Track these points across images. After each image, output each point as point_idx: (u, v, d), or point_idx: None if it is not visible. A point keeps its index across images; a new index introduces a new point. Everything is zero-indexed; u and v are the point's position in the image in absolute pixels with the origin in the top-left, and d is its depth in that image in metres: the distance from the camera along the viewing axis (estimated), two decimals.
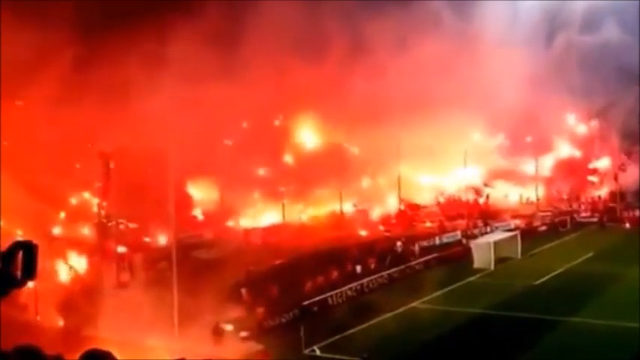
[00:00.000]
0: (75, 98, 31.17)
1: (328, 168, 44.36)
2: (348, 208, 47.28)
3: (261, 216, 43.44)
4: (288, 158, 47.63)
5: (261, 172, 44.50)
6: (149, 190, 33.67)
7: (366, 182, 50.05)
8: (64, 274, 28.91)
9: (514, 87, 50.48)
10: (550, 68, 52.88)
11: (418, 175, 52.17)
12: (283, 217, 43.35)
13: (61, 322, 25.25)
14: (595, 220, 52.56)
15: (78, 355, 3.50)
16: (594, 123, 61.25)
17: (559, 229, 49.02)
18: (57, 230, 32.29)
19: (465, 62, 50.03)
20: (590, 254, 39.95)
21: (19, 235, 30.18)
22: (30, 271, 3.10)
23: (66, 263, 28.93)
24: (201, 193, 41.88)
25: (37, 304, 24.93)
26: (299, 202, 45.87)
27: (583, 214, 54.09)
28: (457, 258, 39.94)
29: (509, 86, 50.12)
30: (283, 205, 43.47)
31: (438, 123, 46.11)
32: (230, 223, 41.32)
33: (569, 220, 52.57)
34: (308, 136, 49.09)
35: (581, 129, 63.15)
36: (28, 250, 3.07)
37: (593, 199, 58.45)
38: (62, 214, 33.61)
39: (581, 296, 30.82)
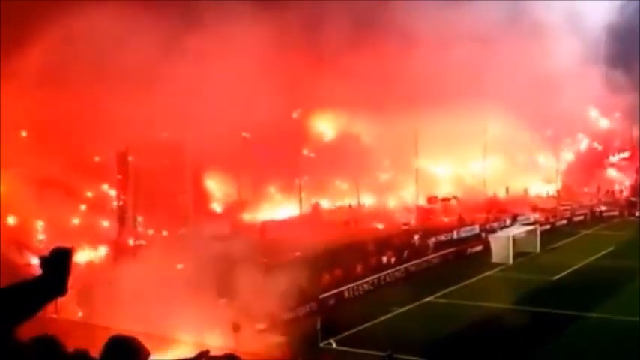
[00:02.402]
0: (94, 91, 31.37)
1: (345, 160, 44.26)
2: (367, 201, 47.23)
3: (278, 209, 43.49)
4: (306, 151, 47.54)
5: (279, 164, 44.43)
6: (167, 184, 33.90)
7: (383, 175, 49.84)
8: (82, 266, 29.18)
9: (540, 79, 49.99)
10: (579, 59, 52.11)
11: (437, 167, 51.89)
12: (300, 209, 43.39)
13: (80, 314, 25.50)
14: (616, 213, 51.98)
15: (99, 345, 3.51)
16: (617, 115, 60.46)
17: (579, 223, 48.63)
18: (76, 222, 32.56)
19: (489, 52, 49.53)
20: (611, 249, 39.50)
21: (40, 227, 30.63)
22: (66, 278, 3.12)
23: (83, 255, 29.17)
24: (219, 187, 42.01)
25: None
26: (316, 195, 45.88)
27: (603, 208, 53.48)
28: (475, 252, 39.76)
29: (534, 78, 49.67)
30: (300, 199, 43.50)
31: (457, 114, 45.74)
32: (247, 216, 41.42)
33: (589, 213, 52.08)
34: (325, 128, 49.00)
35: (604, 122, 62.37)
36: (65, 255, 3.07)
37: (614, 192, 57.78)
38: (82, 207, 33.88)
39: (601, 291, 30.45)
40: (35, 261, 23.99)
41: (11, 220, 29.88)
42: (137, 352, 3.44)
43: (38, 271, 3.05)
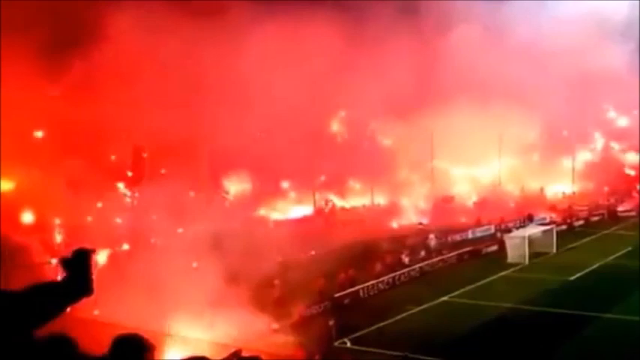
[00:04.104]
0: (111, 89, 31.50)
1: (361, 159, 44.16)
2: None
3: (292, 207, 43.49)
4: (321, 150, 47.39)
5: (293, 163, 44.37)
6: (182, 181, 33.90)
7: (399, 174, 49.63)
8: (99, 263, 29.32)
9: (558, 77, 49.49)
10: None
11: (453, 166, 51.59)
12: (315, 208, 43.39)
13: (96, 312, 25.62)
14: (633, 214, 51.38)
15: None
16: (635, 112, 59.65)
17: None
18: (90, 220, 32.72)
19: (508, 51, 49.12)
20: (629, 249, 39.05)
21: (57, 225, 30.81)
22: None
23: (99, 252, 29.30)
24: (234, 184, 42.07)
25: None
26: (331, 194, 45.85)
27: (621, 208, 52.89)
28: (490, 252, 39.51)
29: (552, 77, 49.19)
30: (314, 197, 43.50)
31: (474, 113, 45.44)
32: (262, 214, 41.45)
33: (606, 213, 51.58)
34: (341, 127, 48.92)
35: (622, 121, 61.63)
36: (86, 256, 3.04)
37: (632, 192, 57.12)
38: (99, 205, 34.03)
39: (618, 292, 30.12)
40: (53, 260, 24.17)
41: (29, 218, 30.10)
42: (142, 348, 3.46)
43: (57, 270, 3.04)
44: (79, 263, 3.05)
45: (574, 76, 49.75)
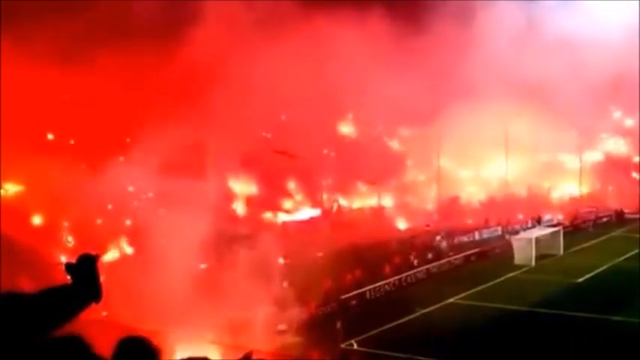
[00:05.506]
0: (119, 91, 31.67)
1: (368, 161, 44.14)
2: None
3: (299, 209, 43.54)
4: (328, 151, 47.45)
5: (300, 164, 44.44)
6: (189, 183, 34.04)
7: (406, 175, 49.62)
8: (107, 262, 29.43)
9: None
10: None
11: (460, 168, 51.52)
12: (322, 210, 43.43)
13: (104, 313, 25.76)
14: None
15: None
16: None
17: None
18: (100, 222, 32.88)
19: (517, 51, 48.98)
20: (636, 251, 38.95)
21: (65, 227, 31.01)
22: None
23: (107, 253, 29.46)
24: (241, 187, 42.18)
25: None
26: (338, 196, 45.87)
27: (629, 210, 52.68)
28: (497, 253, 39.48)
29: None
30: (321, 199, 43.53)
31: (481, 114, 45.33)
32: (268, 216, 41.54)
33: (613, 215, 51.42)
34: (348, 129, 48.94)
35: (629, 121, 61.30)
36: (93, 262, 3.05)
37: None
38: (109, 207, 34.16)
39: (626, 294, 30.08)
40: (63, 258, 24.34)
41: (38, 220, 30.30)
42: (147, 352, 3.42)
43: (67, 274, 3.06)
44: (84, 269, 3.02)
45: (586, 76, 49.52)
